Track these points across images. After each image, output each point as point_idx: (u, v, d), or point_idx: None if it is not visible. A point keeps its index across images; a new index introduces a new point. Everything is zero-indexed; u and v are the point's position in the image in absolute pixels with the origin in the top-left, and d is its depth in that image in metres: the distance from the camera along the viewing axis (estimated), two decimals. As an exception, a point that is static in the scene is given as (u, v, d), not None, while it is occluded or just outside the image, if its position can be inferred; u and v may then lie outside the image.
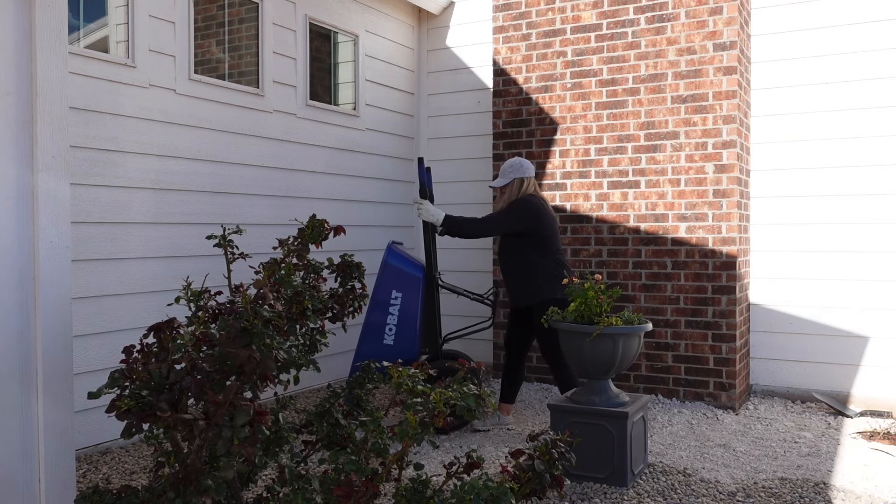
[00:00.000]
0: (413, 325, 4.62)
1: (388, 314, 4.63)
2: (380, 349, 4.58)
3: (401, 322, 4.62)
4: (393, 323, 4.63)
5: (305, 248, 2.76)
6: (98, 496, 2.17)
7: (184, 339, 2.13)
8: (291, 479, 2.26)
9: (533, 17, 5.99)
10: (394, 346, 4.59)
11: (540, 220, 4.59)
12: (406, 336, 4.61)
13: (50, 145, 2.63)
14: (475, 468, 2.35)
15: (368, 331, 4.67)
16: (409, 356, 4.57)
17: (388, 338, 4.61)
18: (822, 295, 5.49)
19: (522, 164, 4.73)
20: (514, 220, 4.59)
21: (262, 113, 5.36)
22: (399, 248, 4.87)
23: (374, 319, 4.65)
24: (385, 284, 4.68)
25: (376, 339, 4.62)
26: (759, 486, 3.77)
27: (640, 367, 5.58)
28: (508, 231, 4.63)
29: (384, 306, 4.65)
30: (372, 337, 4.64)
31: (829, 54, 5.47)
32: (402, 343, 4.61)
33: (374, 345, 4.61)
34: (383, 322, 4.64)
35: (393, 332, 4.61)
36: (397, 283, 4.68)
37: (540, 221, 4.58)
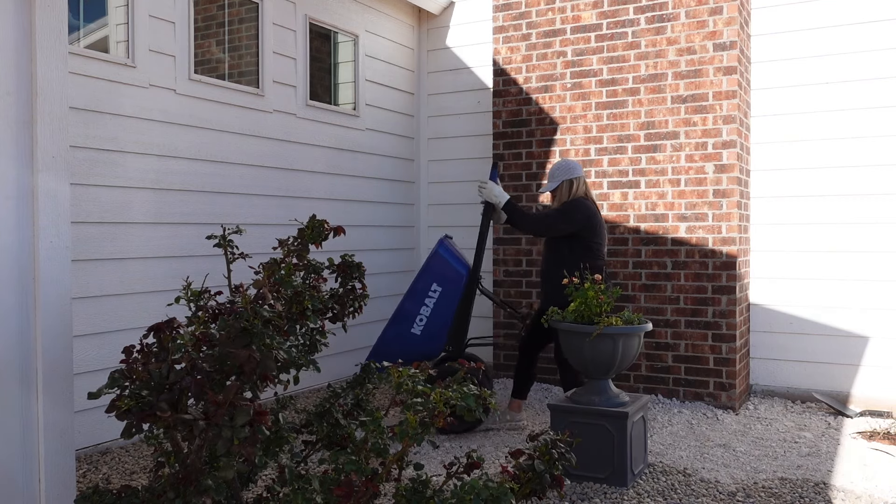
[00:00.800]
0: (444, 321, 4.62)
1: (423, 305, 4.63)
2: (406, 337, 4.61)
3: (433, 315, 4.62)
4: (425, 314, 4.62)
5: (305, 248, 2.76)
6: (98, 496, 2.17)
7: (184, 339, 2.13)
8: (291, 479, 2.26)
9: (533, 17, 5.99)
10: (420, 336, 4.61)
11: (590, 224, 4.56)
12: (434, 330, 4.62)
13: (50, 145, 2.63)
14: (475, 468, 2.35)
15: (400, 316, 4.67)
16: (433, 350, 4.58)
17: (417, 327, 4.61)
18: (822, 295, 5.49)
19: (570, 164, 4.67)
20: (566, 221, 4.54)
21: (262, 113, 5.36)
22: (450, 244, 4.84)
23: (408, 307, 4.66)
24: (427, 276, 4.68)
25: (405, 326, 4.63)
26: (759, 486, 3.77)
27: (640, 367, 5.58)
28: (560, 232, 4.58)
29: (421, 296, 4.65)
30: (401, 323, 4.65)
31: (829, 54, 5.47)
32: (429, 335, 4.61)
33: (401, 330, 4.63)
34: (416, 312, 4.64)
35: (423, 323, 4.61)
36: (440, 277, 4.68)
37: (590, 226, 4.56)
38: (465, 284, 4.68)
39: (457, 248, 4.87)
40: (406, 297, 4.67)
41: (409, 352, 4.56)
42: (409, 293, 4.67)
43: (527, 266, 6.04)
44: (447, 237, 4.92)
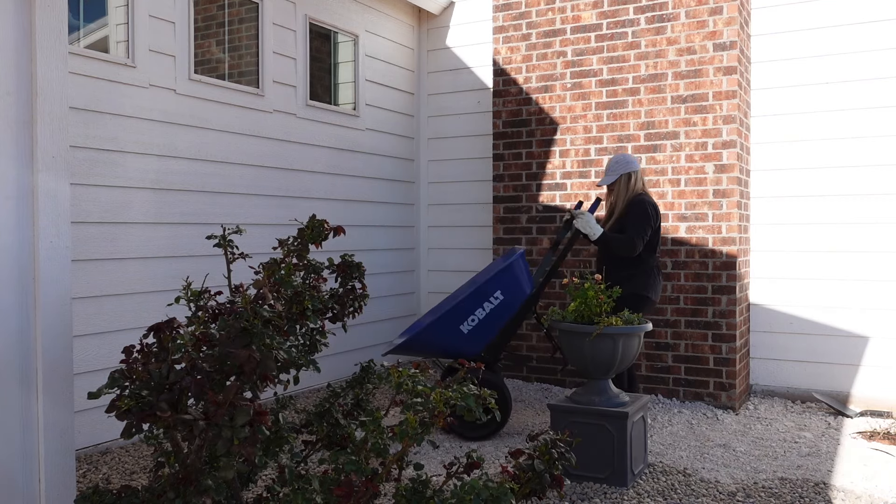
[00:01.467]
0: (493, 329, 4.61)
1: (481, 307, 4.58)
2: (453, 333, 4.57)
3: (485, 319, 4.58)
4: (479, 317, 4.58)
5: (305, 248, 2.76)
6: (98, 496, 2.17)
7: (184, 339, 2.13)
8: (291, 479, 2.26)
9: (533, 17, 5.99)
10: (466, 336, 4.57)
11: (658, 220, 4.65)
12: (480, 334, 4.58)
13: (50, 145, 2.63)
14: (475, 468, 2.35)
15: (457, 311, 4.58)
16: (470, 352, 4.55)
17: (467, 326, 4.57)
18: (822, 295, 5.49)
19: (627, 158, 4.68)
20: (646, 229, 4.59)
21: (262, 113, 5.36)
22: (524, 259, 4.80)
23: (467, 305, 4.58)
24: (496, 282, 4.62)
25: (457, 322, 4.58)
26: (759, 486, 3.77)
27: (640, 367, 5.58)
28: (645, 241, 4.60)
29: (482, 299, 4.59)
30: (455, 318, 4.58)
31: (829, 54, 5.47)
32: (473, 337, 4.58)
33: (452, 325, 4.58)
34: (472, 312, 4.58)
35: (473, 324, 4.56)
36: (507, 286, 4.63)
37: (658, 222, 4.65)
38: (524, 302, 4.66)
39: (527, 266, 4.79)
40: (469, 296, 4.58)
41: (451, 348, 4.55)
42: (473, 293, 4.57)
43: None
44: (522, 249, 4.88)
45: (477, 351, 4.60)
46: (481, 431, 4.58)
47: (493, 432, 4.62)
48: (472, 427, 4.57)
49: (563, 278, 4.22)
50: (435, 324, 4.57)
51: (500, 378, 4.61)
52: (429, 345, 4.59)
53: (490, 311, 4.57)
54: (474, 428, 4.58)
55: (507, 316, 4.61)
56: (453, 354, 4.56)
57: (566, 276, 4.08)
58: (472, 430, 4.58)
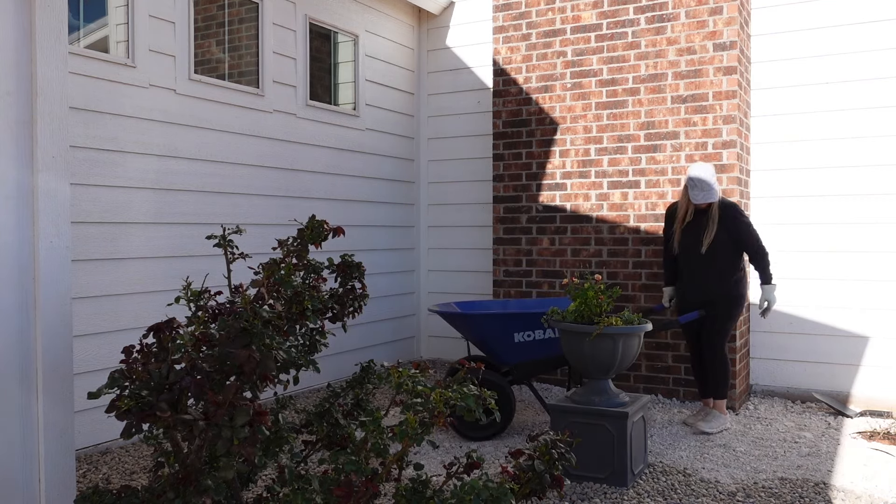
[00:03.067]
0: (540, 353, 4.66)
1: (542, 330, 4.65)
2: (504, 333, 4.63)
3: (539, 343, 4.64)
4: (535, 337, 4.66)
5: (305, 248, 2.76)
6: (98, 496, 2.17)
7: (184, 339, 2.13)
8: (291, 479, 2.26)
9: (533, 17, 5.99)
10: (513, 344, 4.65)
11: None
12: (527, 351, 4.66)
13: (50, 145, 2.63)
14: (475, 468, 2.35)
15: (519, 318, 4.62)
16: (506, 360, 4.67)
17: (519, 337, 4.64)
18: (822, 295, 5.49)
19: (709, 168, 4.73)
20: (754, 230, 4.79)
21: (262, 113, 5.36)
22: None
23: (532, 319, 4.60)
24: None
25: (513, 327, 4.63)
26: (759, 486, 3.77)
27: (640, 367, 5.58)
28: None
29: None
30: (514, 323, 4.63)
31: (829, 54, 5.47)
32: (518, 351, 4.67)
33: (507, 326, 4.61)
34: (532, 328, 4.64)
35: (526, 339, 4.65)
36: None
37: None
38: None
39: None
40: (539, 314, 4.56)
41: (492, 345, 4.63)
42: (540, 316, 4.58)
43: (527, 266, 6.03)
44: None
45: (511, 361, 4.63)
46: (483, 432, 4.58)
47: (494, 434, 4.62)
48: (473, 427, 4.58)
49: (563, 278, 4.23)
50: (495, 318, 4.58)
51: (503, 380, 4.60)
52: (476, 330, 4.62)
53: (548, 338, 4.61)
54: (476, 429, 4.58)
55: (558, 350, 4.63)
56: (489, 351, 4.57)
57: (566, 276, 4.08)
58: (474, 431, 4.59)
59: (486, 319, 4.62)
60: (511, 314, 4.65)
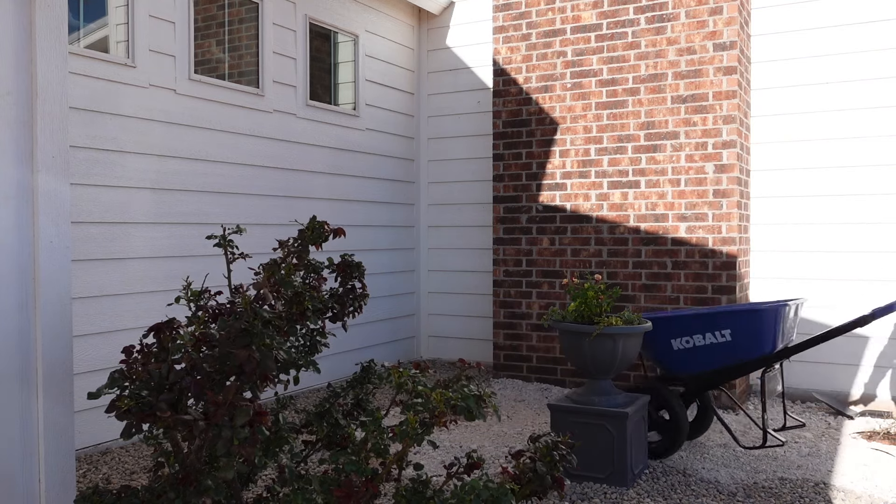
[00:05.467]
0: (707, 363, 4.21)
1: (702, 335, 4.22)
2: (660, 339, 4.25)
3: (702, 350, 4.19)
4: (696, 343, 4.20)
5: (305, 249, 2.76)
6: (98, 496, 2.17)
7: (184, 339, 2.13)
8: (291, 479, 2.26)
9: (533, 17, 5.99)
10: (673, 352, 4.25)
11: None
12: (691, 360, 4.23)
13: (50, 145, 2.63)
14: (475, 469, 2.35)
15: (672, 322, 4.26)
16: (673, 370, 4.27)
17: (678, 344, 4.24)
18: (822, 295, 5.49)
19: None
20: None
21: (262, 113, 5.36)
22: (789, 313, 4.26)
23: (687, 322, 4.23)
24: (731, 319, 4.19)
25: (668, 333, 4.25)
26: (759, 486, 3.77)
27: (641, 367, 5.58)
28: None
29: (708, 327, 4.24)
30: (668, 328, 4.25)
31: (829, 54, 5.47)
32: (680, 359, 4.26)
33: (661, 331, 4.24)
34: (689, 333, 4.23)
35: (685, 346, 4.22)
36: (741, 330, 4.17)
37: None
38: (756, 357, 4.12)
39: (793, 319, 4.27)
40: (695, 317, 4.20)
41: (655, 353, 4.30)
42: (701, 316, 4.20)
43: (527, 266, 6.03)
44: (798, 301, 4.35)
45: (677, 371, 4.27)
46: (651, 451, 4.16)
47: (661, 453, 4.16)
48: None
49: (563, 278, 4.21)
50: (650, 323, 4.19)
51: (671, 392, 4.18)
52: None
53: (710, 344, 4.17)
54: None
55: (728, 360, 4.16)
56: (657, 362, 4.30)
57: (566, 276, 4.08)
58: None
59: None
60: (660, 318, 4.24)
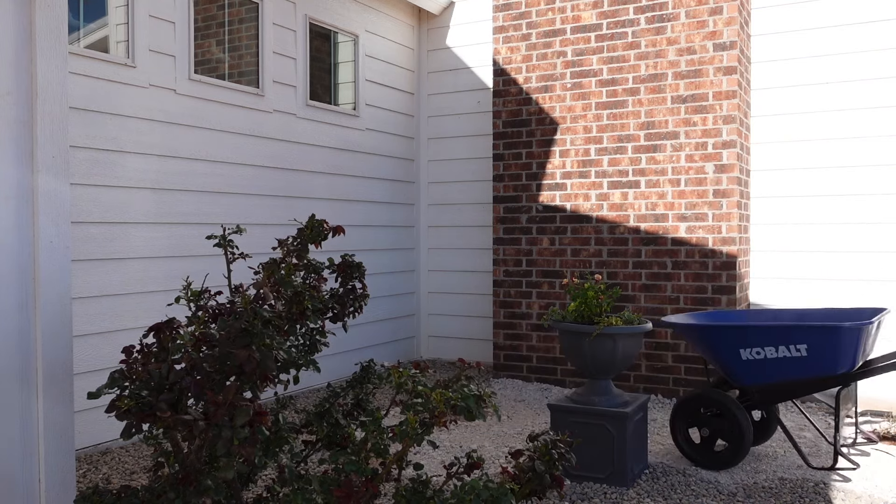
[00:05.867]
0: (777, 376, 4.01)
1: (774, 347, 4.01)
2: (729, 348, 4.04)
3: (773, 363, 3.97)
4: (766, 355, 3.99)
5: (305, 248, 2.76)
6: (98, 496, 2.17)
7: (184, 339, 2.13)
8: (291, 479, 2.26)
9: (533, 17, 5.99)
10: (741, 362, 4.05)
11: None
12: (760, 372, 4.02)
13: (50, 145, 2.63)
14: (475, 468, 2.35)
15: (743, 331, 4.01)
16: (741, 380, 4.07)
17: (746, 354, 4.02)
18: (822, 295, 5.49)
19: None
20: None
21: (262, 113, 5.36)
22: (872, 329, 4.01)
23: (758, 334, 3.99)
24: (808, 334, 3.94)
25: (737, 342, 4.02)
26: (759, 486, 3.77)
27: (640, 367, 5.58)
28: None
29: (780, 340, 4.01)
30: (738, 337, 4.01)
31: (829, 54, 5.47)
32: (749, 370, 4.04)
33: (730, 339, 4.01)
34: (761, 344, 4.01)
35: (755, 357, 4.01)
36: (818, 347, 3.93)
37: None
38: (831, 375, 3.91)
39: (874, 334, 4.00)
40: (768, 329, 3.96)
41: (723, 363, 4.10)
42: (775, 329, 3.94)
43: (527, 266, 6.03)
44: (882, 314, 4.08)
45: (747, 382, 4.04)
46: (713, 460, 4.02)
47: (725, 464, 3.99)
48: (702, 453, 4.05)
49: (563, 278, 4.20)
50: (715, 330, 4.06)
51: (734, 402, 3.98)
52: (703, 343, 4.11)
53: (783, 357, 3.93)
54: (706, 455, 4.04)
55: (801, 374, 3.94)
56: (723, 370, 4.11)
57: (566, 276, 4.07)
58: (703, 457, 4.04)
59: (700, 331, 4.08)
60: (728, 327, 4.00)
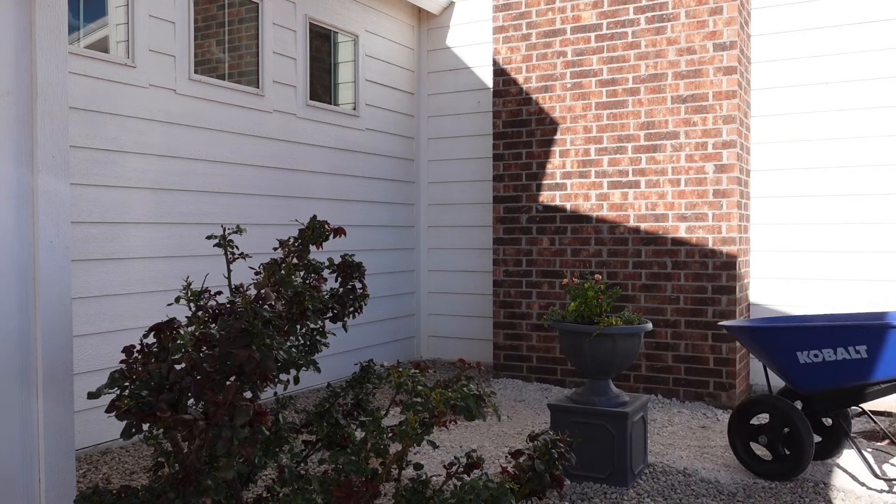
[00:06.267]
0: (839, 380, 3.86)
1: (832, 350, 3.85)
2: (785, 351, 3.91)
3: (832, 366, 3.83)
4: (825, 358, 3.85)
5: (306, 248, 2.76)
6: (98, 496, 2.17)
7: (184, 339, 2.13)
8: (291, 479, 2.26)
9: (533, 17, 5.99)
10: (799, 365, 3.91)
11: None
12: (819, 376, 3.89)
13: (50, 145, 2.63)
14: (475, 468, 2.35)
15: (798, 333, 3.87)
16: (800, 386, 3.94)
17: (804, 357, 3.87)
18: (822, 295, 5.49)
19: None
20: None
21: (262, 113, 5.36)
22: None
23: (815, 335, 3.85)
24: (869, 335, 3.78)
25: (793, 344, 3.88)
26: (759, 486, 3.77)
27: (640, 367, 5.58)
28: None
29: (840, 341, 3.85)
30: (793, 339, 3.87)
31: (829, 54, 5.47)
32: (807, 375, 3.87)
33: (786, 342, 3.89)
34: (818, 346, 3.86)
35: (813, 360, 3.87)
36: (879, 348, 3.79)
37: None
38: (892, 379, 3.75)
39: None
40: (826, 329, 3.82)
41: (780, 367, 3.98)
42: (833, 329, 3.80)
43: (527, 266, 6.03)
44: None
45: (806, 387, 3.89)
46: (771, 469, 3.87)
47: (786, 474, 3.82)
48: (760, 462, 3.91)
49: (563, 278, 4.19)
50: (769, 332, 3.93)
51: (794, 409, 3.82)
52: (759, 347, 3.97)
53: (843, 360, 3.77)
54: (763, 465, 3.90)
55: (864, 377, 3.76)
56: (781, 375, 3.96)
57: (566, 276, 4.07)
58: (761, 466, 3.90)
59: (753, 333, 3.94)
60: (783, 329, 3.84)
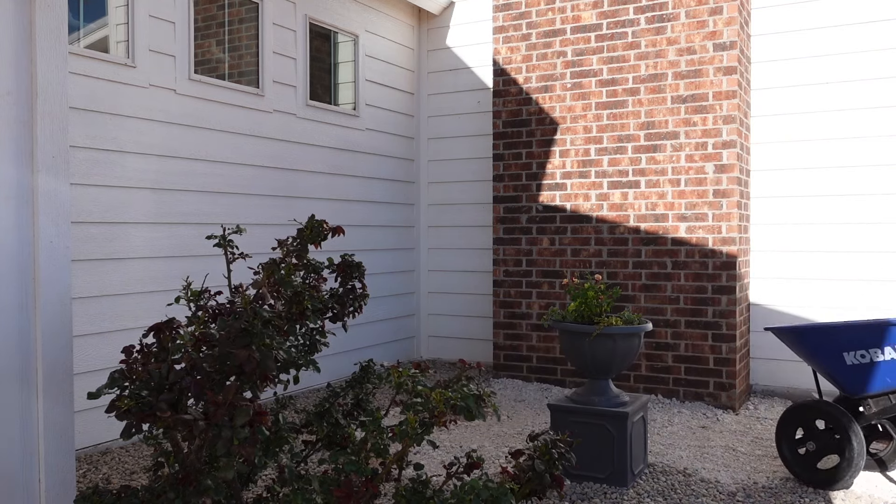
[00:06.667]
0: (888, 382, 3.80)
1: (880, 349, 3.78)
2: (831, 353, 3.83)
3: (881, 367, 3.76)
4: (873, 358, 3.78)
5: (305, 248, 2.76)
6: (98, 496, 2.17)
7: (184, 339, 2.13)
8: (291, 479, 2.26)
9: (533, 17, 5.99)
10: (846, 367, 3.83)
11: None
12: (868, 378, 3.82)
13: (50, 145, 2.63)
14: (475, 468, 2.35)
15: (844, 331, 3.81)
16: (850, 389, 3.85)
17: (851, 358, 3.80)
18: (822, 294, 5.49)
19: None
20: None
21: (262, 113, 5.36)
22: None
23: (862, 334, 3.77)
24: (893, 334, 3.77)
25: (839, 344, 3.82)
26: (759, 486, 3.77)
27: (640, 367, 5.58)
28: None
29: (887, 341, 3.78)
30: (839, 338, 3.80)
31: (829, 54, 5.47)
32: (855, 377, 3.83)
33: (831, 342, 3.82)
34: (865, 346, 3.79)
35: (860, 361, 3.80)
36: None
37: None
38: None
39: None
40: (873, 327, 3.74)
41: (828, 370, 3.89)
42: (880, 326, 3.72)
43: (527, 266, 6.03)
44: None
45: (856, 392, 3.79)
46: (820, 477, 3.76)
47: (836, 481, 3.71)
48: (809, 469, 3.81)
49: (563, 278, 4.19)
50: (813, 331, 3.85)
51: (845, 415, 3.72)
52: (804, 349, 3.90)
53: (891, 360, 3.70)
54: (813, 472, 3.80)
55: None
56: (830, 379, 3.87)
57: (566, 276, 4.07)
58: (810, 473, 3.80)
59: (795, 334, 3.86)
60: (828, 327, 3.77)
